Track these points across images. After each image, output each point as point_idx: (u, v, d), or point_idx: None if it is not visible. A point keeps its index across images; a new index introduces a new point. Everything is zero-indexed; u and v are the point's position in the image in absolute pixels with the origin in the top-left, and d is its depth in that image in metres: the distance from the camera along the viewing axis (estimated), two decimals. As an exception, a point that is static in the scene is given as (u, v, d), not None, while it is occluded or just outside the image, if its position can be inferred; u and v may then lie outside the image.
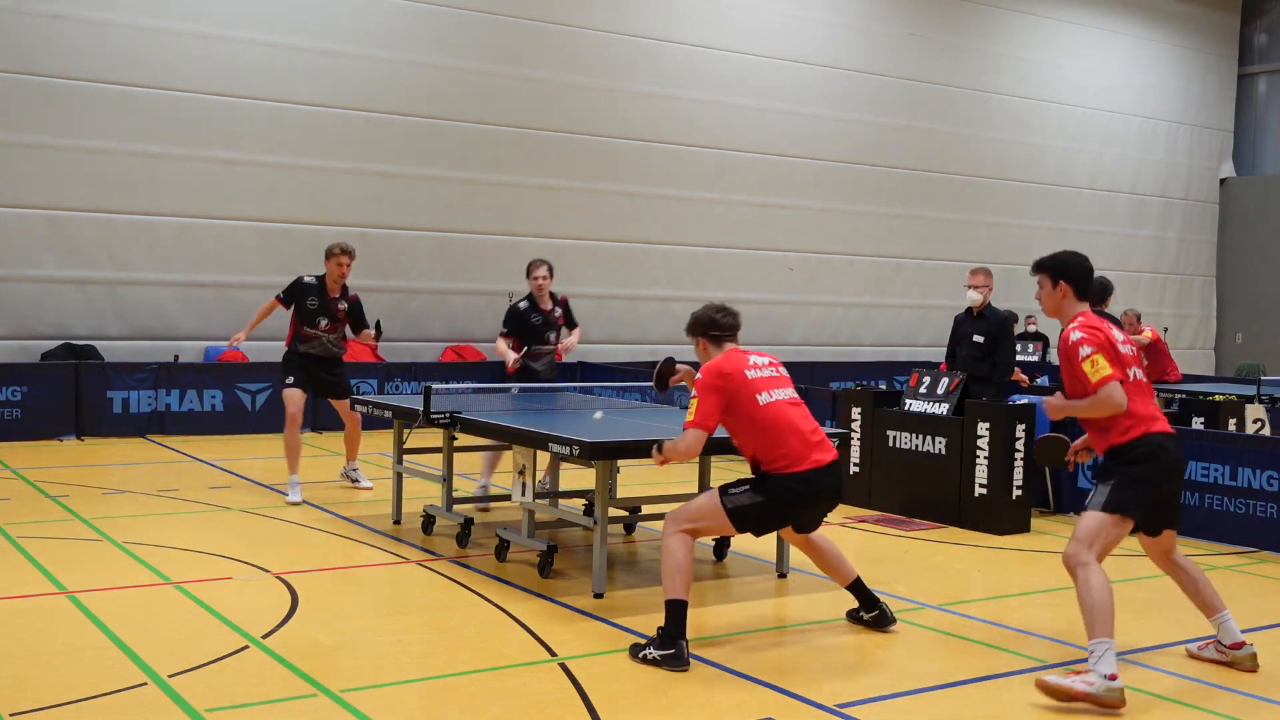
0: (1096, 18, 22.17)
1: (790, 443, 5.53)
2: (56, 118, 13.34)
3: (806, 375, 16.90)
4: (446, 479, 7.93)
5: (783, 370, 5.79)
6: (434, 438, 8.16)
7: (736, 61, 17.93)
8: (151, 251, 13.94)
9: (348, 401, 9.46)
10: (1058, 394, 5.41)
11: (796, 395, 5.75)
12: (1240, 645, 5.40)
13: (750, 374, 5.58)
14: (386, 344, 15.30)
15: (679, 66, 17.39)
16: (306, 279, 9.30)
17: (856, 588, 5.96)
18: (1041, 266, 5.43)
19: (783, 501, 5.56)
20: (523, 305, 9.32)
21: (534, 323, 9.31)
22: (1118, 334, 5.27)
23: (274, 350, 14.23)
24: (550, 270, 9.40)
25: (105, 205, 13.68)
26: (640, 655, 5.29)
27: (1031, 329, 19.61)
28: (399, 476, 8.36)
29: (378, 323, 9.57)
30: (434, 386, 7.59)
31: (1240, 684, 5.24)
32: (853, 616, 6.03)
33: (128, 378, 12.76)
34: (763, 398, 5.57)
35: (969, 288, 9.86)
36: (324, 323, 9.29)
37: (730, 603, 6.52)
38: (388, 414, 8.17)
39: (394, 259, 15.35)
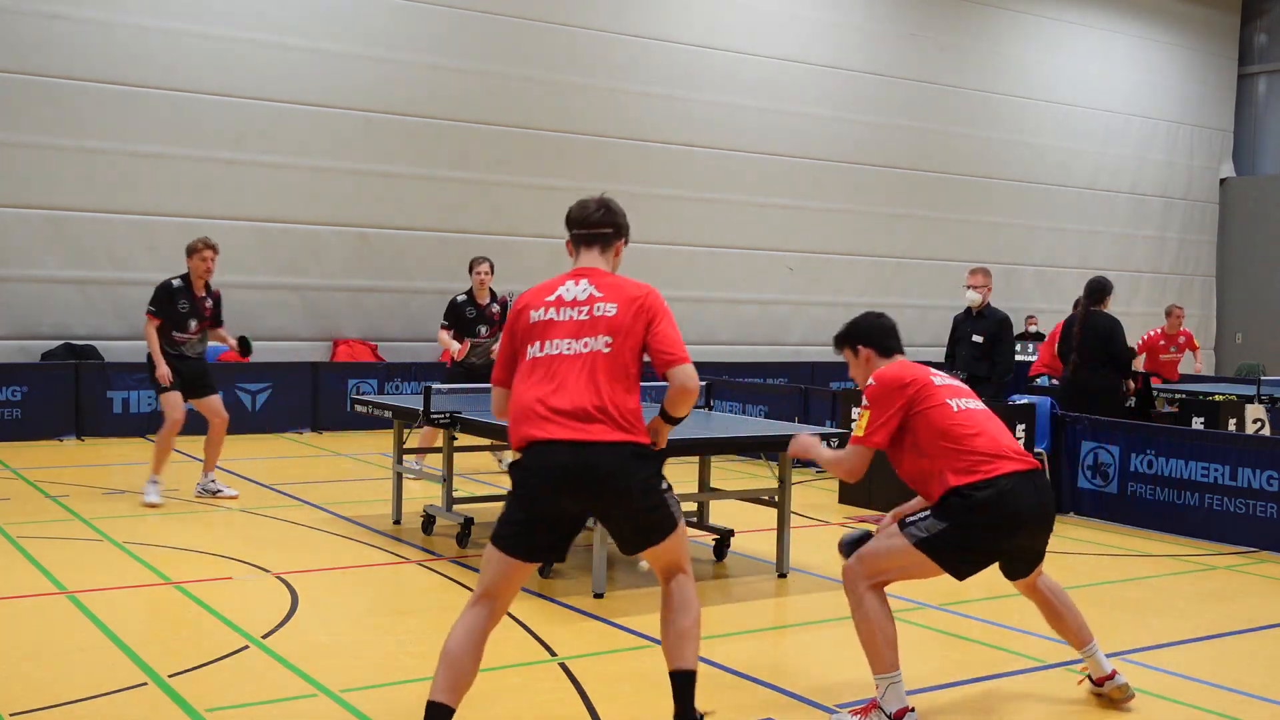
0: (1097, 18, 22.17)
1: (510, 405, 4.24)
2: (57, 118, 13.34)
3: (806, 375, 16.92)
4: (446, 479, 7.93)
5: (589, 312, 4.17)
6: (433, 438, 8.15)
7: (736, 61, 17.92)
8: (151, 251, 13.92)
9: (218, 398, 9.09)
10: (815, 437, 5.07)
11: (594, 347, 4.13)
12: (1107, 678, 4.86)
13: (533, 315, 4.24)
14: (387, 344, 15.33)
15: (679, 66, 17.39)
16: (174, 282, 8.88)
17: (678, 681, 4.20)
18: (838, 341, 4.88)
19: (516, 487, 4.19)
20: (460, 299, 10.09)
21: (468, 316, 10.03)
22: (940, 381, 4.63)
23: (275, 350, 14.29)
24: (491, 268, 10.11)
25: (105, 205, 13.67)
26: None
27: (1032, 329, 19.60)
28: (399, 476, 8.36)
29: (244, 339, 9.08)
30: (434, 386, 7.59)
31: (1240, 684, 5.24)
32: None
33: (128, 378, 12.76)
34: (532, 350, 4.20)
35: (968, 288, 9.87)
36: (194, 324, 8.95)
37: (730, 603, 6.51)
38: (388, 414, 8.17)
39: (394, 259, 15.35)
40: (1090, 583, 7.20)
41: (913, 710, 4.47)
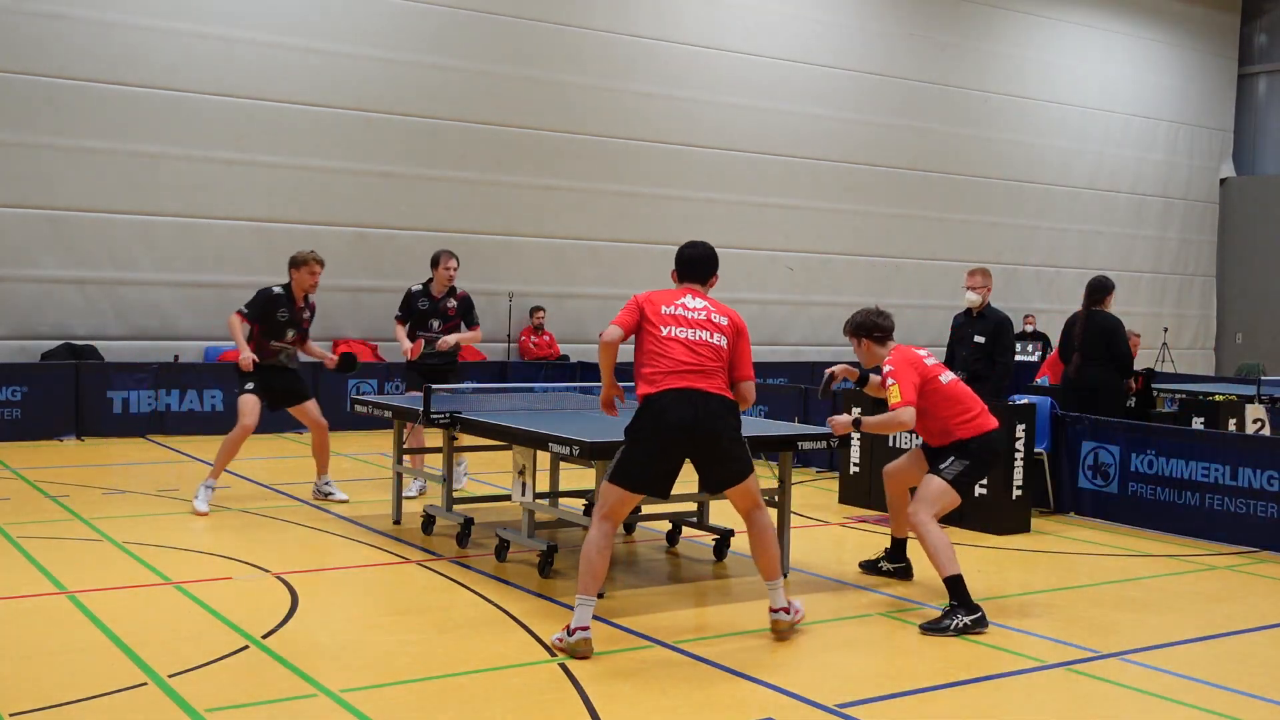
0: (1096, 18, 22.18)
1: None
2: (56, 118, 13.34)
3: (806, 375, 16.90)
4: (446, 479, 7.93)
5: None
6: (434, 438, 8.16)
7: (736, 61, 17.93)
8: (151, 251, 13.94)
9: (314, 404, 9.03)
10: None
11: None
12: (778, 610, 5.71)
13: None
14: (387, 344, 15.32)
15: (679, 66, 17.40)
16: (275, 289, 8.74)
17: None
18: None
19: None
20: (415, 289, 9.54)
21: (420, 307, 9.46)
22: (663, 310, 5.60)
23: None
24: (458, 264, 9.63)
25: (105, 205, 13.68)
26: (951, 626, 5.86)
27: (1030, 329, 19.60)
28: (399, 476, 8.36)
29: (346, 357, 8.95)
30: (434, 386, 7.59)
31: (1240, 684, 5.24)
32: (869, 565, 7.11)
33: (128, 378, 12.76)
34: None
35: (968, 289, 9.86)
36: (291, 334, 8.82)
37: (730, 603, 6.52)
38: (388, 414, 8.17)
39: (394, 259, 15.35)
40: (1090, 583, 7.20)
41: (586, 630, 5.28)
